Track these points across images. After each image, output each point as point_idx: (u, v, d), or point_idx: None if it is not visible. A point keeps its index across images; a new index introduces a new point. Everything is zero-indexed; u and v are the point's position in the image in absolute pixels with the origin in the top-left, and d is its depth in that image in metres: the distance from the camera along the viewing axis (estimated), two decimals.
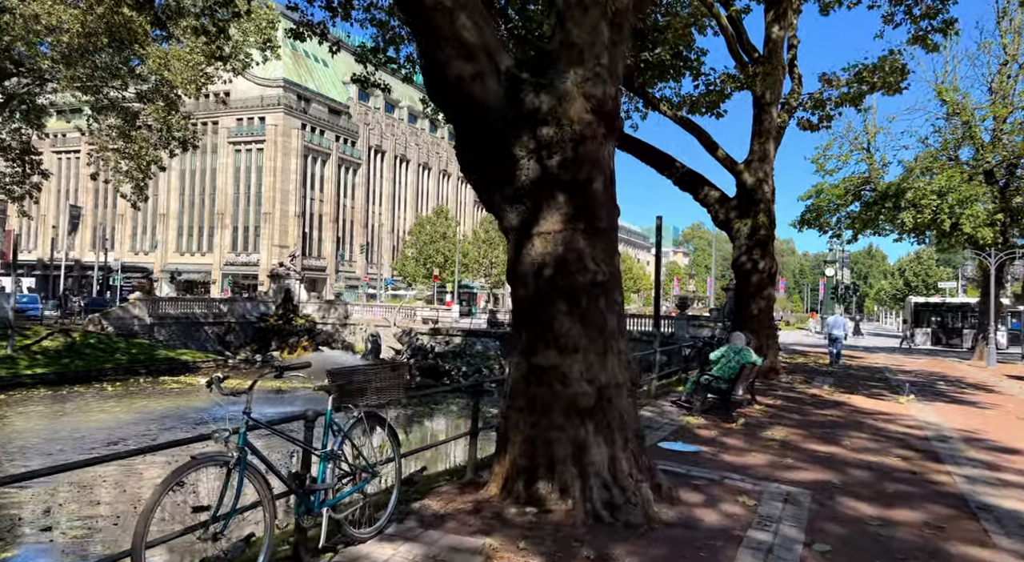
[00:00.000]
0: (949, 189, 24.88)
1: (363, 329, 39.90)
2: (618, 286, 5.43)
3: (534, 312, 5.20)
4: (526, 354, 5.21)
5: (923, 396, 14.11)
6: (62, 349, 30.06)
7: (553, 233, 5.10)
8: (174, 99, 26.22)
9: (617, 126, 5.37)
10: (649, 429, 8.70)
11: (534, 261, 5.16)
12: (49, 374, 27.14)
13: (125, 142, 26.28)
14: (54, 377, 27.16)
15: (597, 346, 5.14)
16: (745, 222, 16.02)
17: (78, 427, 18.16)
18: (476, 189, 5.44)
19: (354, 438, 4.18)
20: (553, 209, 5.10)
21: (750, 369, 10.21)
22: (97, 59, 23.60)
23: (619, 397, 5.20)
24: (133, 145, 26.03)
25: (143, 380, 29.77)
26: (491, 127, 5.11)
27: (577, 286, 5.08)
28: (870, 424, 10.12)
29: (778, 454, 7.71)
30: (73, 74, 23.59)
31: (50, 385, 26.22)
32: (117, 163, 27.25)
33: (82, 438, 16.46)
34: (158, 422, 20.00)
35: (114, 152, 26.88)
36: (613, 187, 5.42)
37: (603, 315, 5.21)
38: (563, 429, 4.99)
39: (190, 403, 24.26)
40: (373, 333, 34.05)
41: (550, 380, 5.06)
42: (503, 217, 5.32)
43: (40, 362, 27.88)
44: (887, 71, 16.15)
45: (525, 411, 5.13)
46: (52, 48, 23.22)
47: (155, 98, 25.85)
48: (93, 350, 31.32)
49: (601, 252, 5.22)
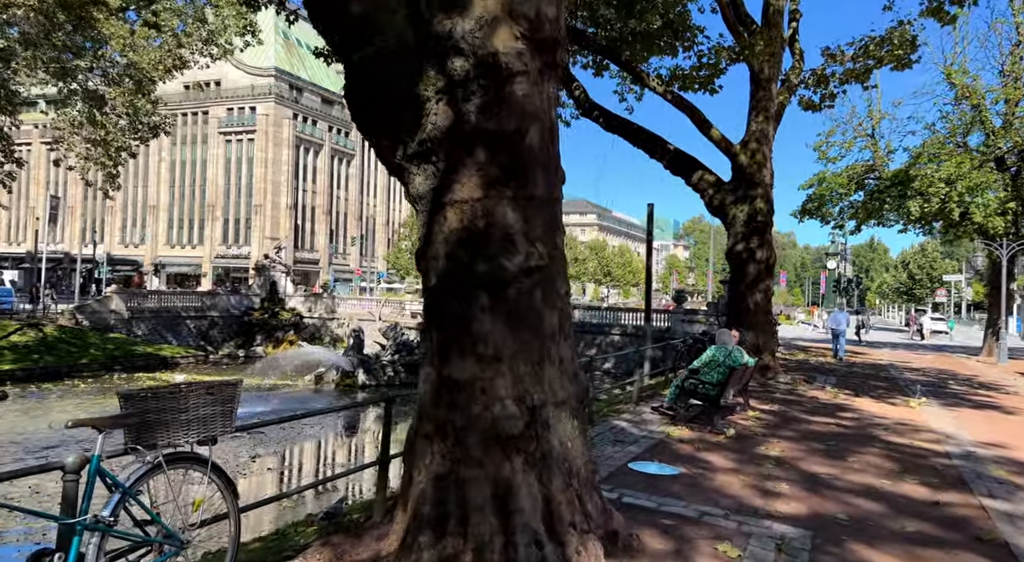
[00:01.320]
0: (958, 176, 23.51)
1: (348, 323, 38.70)
2: (562, 274, 4.16)
3: (446, 307, 3.93)
4: (436, 363, 3.94)
5: (936, 398, 12.85)
6: (32, 344, 28.84)
7: (471, 202, 3.82)
8: (143, 82, 24.90)
9: (560, 60, 4.08)
10: (621, 444, 7.43)
11: (447, 239, 3.89)
12: (16, 371, 25.91)
13: (92, 127, 24.95)
14: (21, 374, 25.95)
15: (530, 353, 3.87)
16: (741, 208, 14.73)
17: (25, 429, 16.90)
18: (375, 147, 4.16)
19: (151, 494, 2.91)
20: (471, 169, 3.82)
21: (742, 371, 8.93)
22: (55, 39, 22.24)
23: (559, 420, 3.94)
24: (100, 130, 24.70)
25: (118, 377, 28.61)
26: (390, 60, 3.82)
27: (503, 273, 3.81)
28: (879, 435, 8.86)
29: (772, 477, 6.45)
30: (34, 55, 22.28)
31: (17, 382, 25.00)
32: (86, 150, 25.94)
33: (20, 444, 15.19)
34: None
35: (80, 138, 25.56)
36: (556, 144, 4.14)
37: (539, 312, 3.94)
38: (481, 464, 3.73)
39: None
40: (356, 328, 32.77)
41: (465, 398, 3.80)
42: (409, 181, 4.04)
43: (7, 358, 26.62)
44: (896, 44, 14.81)
45: (434, 439, 3.86)
46: (6, 25, 21.89)
47: (122, 81, 24.53)
48: (66, 345, 30.10)
49: (538, 228, 3.94)
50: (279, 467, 14.84)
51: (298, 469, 15.31)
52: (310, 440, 17.71)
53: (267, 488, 12.48)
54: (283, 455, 15.78)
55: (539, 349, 3.93)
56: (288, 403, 23.05)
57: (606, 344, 34.02)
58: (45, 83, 25.37)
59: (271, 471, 14.14)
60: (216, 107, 68.41)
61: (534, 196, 3.95)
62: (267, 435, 15.93)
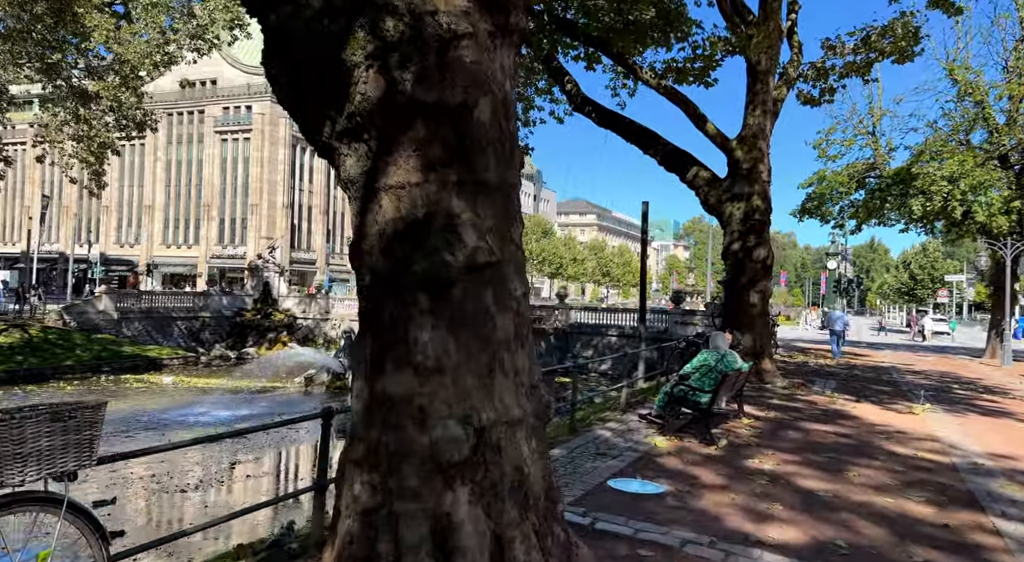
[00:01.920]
0: (961, 175, 22.94)
1: (340, 324, 38.17)
2: (518, 272, 3.60)
3: (381, 311, 3.37)
4: (369, 376, 3.38)
5: (940, 404, 12.29)
6: (16, 345, 28.27)
7: (408, 187, 3.26)
8: (129, 76, 24.35)
9: (515, 24, 3.52)
10: (602, 457, 6.87)
11: (382, 231, 3.33)
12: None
13: (76, 122, 24.40)
14: (5, 376, 25.42)
15: (477, 364, 3.32)
16: (738, 205, 14.18)
17: None
18: (301, 124, 3.60)
19: None
20: (408, 149, 3.26)
21: (735, 376, 8.37)
22: (35, 31, 21.69)
23: (513, 442, 3.38)
24: (82, 125, 24.14)
25: (104, 379, 28.11)
26: (312, 20, 3.26)
27: (446, 270, 3.26)
28: (882, 446, 8.29)
29: (765, 495, 5.89)
30: (11, 49, 21.74)
31: (1, 384, 24.49)
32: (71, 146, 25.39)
33: None
34: (113, 426, 18.16)
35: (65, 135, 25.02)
36: (511, 121, 3.58)
37: (489, 315, 3.38)
38: (418, 496, 3.17)
39: (147, 405, 22.59)
40: (347, 329, 32.23)
41: (400, 418, 3.24)
42: (340, 163, 3.49)
43: None
44: (899, 35, 14.26)
45: (363, 466, 3.30)
46: None
47: (106, 74, 23.98)
48: (51, 347, 29.57)
49: (488, 218, 3.38)
50: (209, 490, 12.49)
51: (227, 492, 12.79)
52: (265, 454, 15.76)
53: (189, 515, 10.80)
54: (214, 477, 13.33)
55: (489, 359, 3.37)
56: (277, 406, 22.51)
57: (603, 345, 33.53)
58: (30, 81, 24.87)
59: (189, 496, 11.87)
60: (212, 106, 67.82)
61: (484, 181, 3.39)
62: (222, 447, 14.42)
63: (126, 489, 12.20)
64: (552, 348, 34.27)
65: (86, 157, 24.95)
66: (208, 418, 19.96)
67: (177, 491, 12.10)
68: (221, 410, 21.22)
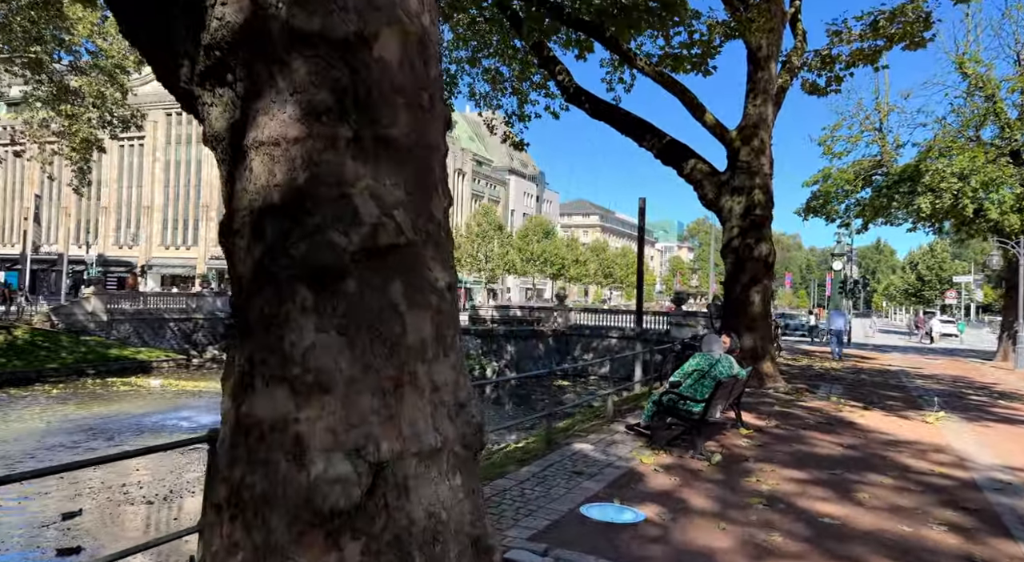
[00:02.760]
0: (972, 171, 22.04)
1: None
2: (442, 258, 2.80)
3: (251, 309, 2.58)
4: (234, 393, 2.59)
5: (955, 411, 11.45)
6: (1, 348, 27.65)
7: (284, 143, 2.47)
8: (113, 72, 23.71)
9: None
10: (578, 477, 6.06)
11: (252, 204, 2.54)
12: None
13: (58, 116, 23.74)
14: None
15: (377, 378, 2.52)
16: (738, 200, 13.37)
17: None
18: (153, 66, 2.83)
19: None
20: (284, 93, 2.47)
21: (731, 384, 7.55)
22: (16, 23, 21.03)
23: (425, 479, 2.58)
24: (65, 120, 23.48)
25: (91, 382, 27.48)
26: None
27: (334, 255, 2.46)
28: (894, 459, 7.47)
29: (762, 523, 5.08)
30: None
31: None
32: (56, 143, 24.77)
33: None
34: (85, 433, 17.48)
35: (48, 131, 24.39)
36: (431, 66, 2.78)
37: (397, 314, 2.59)
38: (289, 558, 2.38)
39: (132, 409, 21.91)
40: None
41: (271, 450, 2.45)
42: (204, 114, 2.70)
43: None
44: (909, 19, 13.43)
45: (224, 514, 2.51)
46: None
47: (90, 70, 23.34)
48: (36, 349, 28.91)
49: (396, 188, 2.59)
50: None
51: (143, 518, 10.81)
52: None
53: None
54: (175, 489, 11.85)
55: (396, 371, 2.57)
56: None
57: (603, 347, 32.80)
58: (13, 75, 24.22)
59: None
60: None
61: (389, 139, 2.59)
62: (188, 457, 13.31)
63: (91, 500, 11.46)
64: (551, 351, 33.53)
65: (69, 154, 24.30)
66: (189, 424, 19.24)
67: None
68: (204, 416, 20.47)
